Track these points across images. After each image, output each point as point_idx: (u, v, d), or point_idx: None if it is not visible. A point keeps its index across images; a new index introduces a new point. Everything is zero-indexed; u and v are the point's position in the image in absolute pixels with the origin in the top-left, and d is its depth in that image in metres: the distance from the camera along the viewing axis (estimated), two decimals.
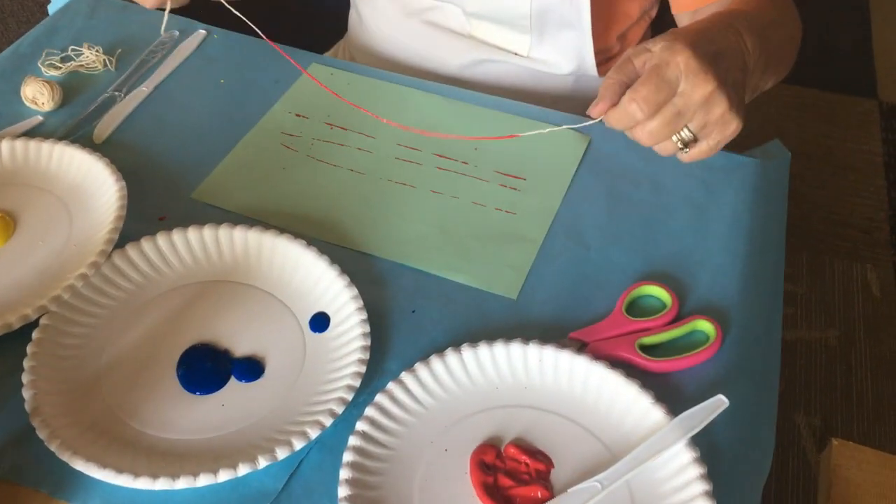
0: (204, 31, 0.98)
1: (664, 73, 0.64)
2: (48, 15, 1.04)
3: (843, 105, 2.18)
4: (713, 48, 0.67)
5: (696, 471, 0.60)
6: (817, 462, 1.50)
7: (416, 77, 0.95)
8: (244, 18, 0.84)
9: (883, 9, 2.47)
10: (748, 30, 0.72)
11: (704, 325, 0.70)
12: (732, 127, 0.67)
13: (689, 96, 0.65)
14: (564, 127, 0.76)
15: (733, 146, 0.89)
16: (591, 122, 0.69)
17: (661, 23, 1.06)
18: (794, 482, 1.48)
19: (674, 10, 0.93)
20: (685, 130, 0.67)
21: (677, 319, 0.71)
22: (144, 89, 0.90)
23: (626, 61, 0.68)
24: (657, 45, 0.66)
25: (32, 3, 2.42)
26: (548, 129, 0.74)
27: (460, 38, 0.99)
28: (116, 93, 0.89)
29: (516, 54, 0.98)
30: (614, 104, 0.66)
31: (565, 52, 0.97)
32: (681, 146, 0.68)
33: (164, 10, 0.84)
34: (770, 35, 0.77)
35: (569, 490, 0.60)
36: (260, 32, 0.79)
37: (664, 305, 0.73)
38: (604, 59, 1.00)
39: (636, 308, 0.73)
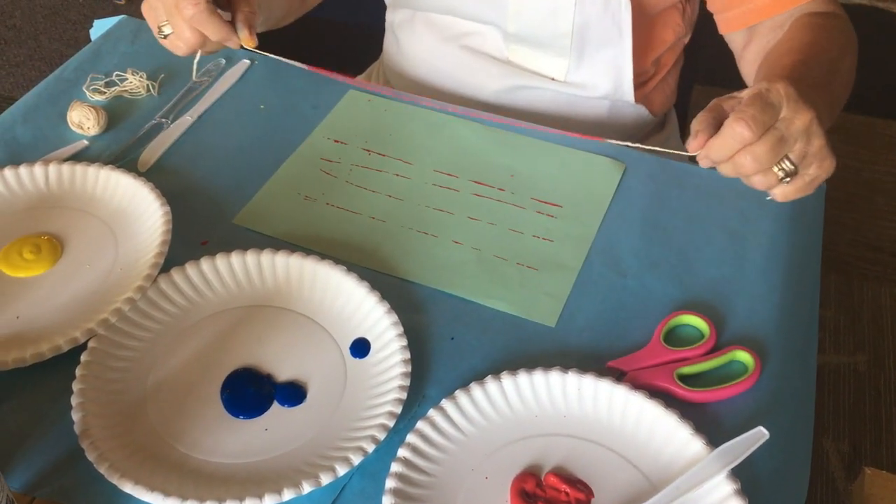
0: (248, 61, 0.99)
1: (767, 96, 0.64)
2: (90, 40, 1.07)
3: (871, 127, 2.17)
4: (804, 85, 0.67)
5: (737, 503, 0.60)
6: (847, 489, 1.49)
7: (451, 102, 0.96)
8: (284, 59, 0.86)
9: None
10: (814, 86, 0.71)
11: (743, 356, 0.71)
12: (828, 163, 0.67)
13: (791, 122, 0.64)
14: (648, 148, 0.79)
15: None
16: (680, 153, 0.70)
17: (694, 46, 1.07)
18: None
19: (723, 31, 0.94)
20: (786, 161, 0.66)
21: (715, 349, 0.72)
22: (189, 118, 0.92)
23: (714, 105, 0.68)
24: (745, 91, 0.67)
25: (64, 21, 2.47)
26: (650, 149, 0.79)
27: (497, 63, 1.00)
28: (163, 120, 0.91)
29: (553, 79, 0.99)
30: (712, 136, 0.65)
31: (604, 73, 0.97)
32: (782, 176, 0.66)
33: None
34: (834, 80, 0.77)
35: None
36: (300, 64, 0.82)
37: (702, 335, 0.73)
38: (640, 82, 1.01)
39: (674, 337, 0.73)
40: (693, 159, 0.69)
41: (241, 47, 0.81)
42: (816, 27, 0.84)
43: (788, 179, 0.67)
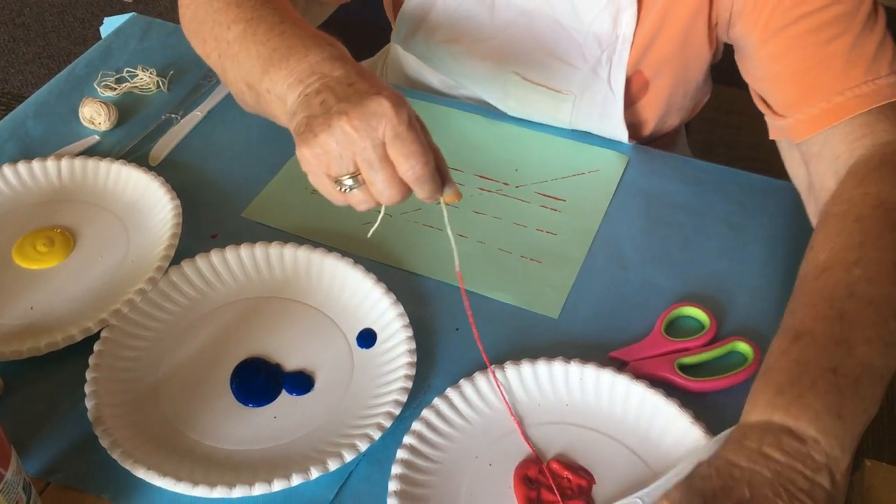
0: None
1: None
2: (100, 37, 1.08)
3: None
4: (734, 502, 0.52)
5: None
6: (850, 483, 1.49)
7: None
8: None
9: None
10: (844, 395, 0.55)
11: (743, 347, 0.72)
12: None
13: None
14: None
15: (771, 172, 0.91)
16: None
17: None
18: None
19: (773, 136, 0.81)
20: None
21: (715, 340, 0.73)
22: (199, 113, 0.93)
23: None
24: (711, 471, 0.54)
25: (73, 19, 2.49)
26: None
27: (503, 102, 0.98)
28: (173, 116, 0.93)
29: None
30: None
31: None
32: None
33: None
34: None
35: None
36: None
37: (703, 326, 0.74)
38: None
39: (675, 329, 0.75)
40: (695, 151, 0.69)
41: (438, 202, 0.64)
42: (854, 212, 0.66)
43: None
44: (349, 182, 0.60)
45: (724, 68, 1.04)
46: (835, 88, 0.71)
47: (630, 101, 0.91)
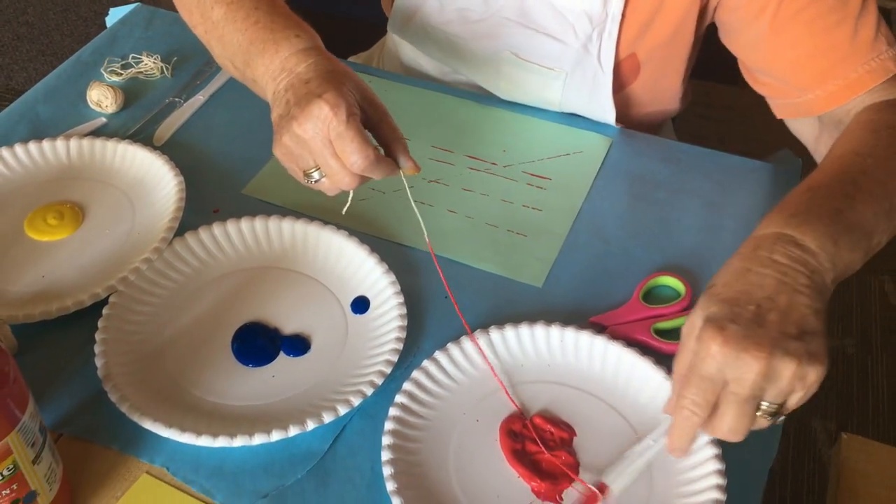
0: None
1: (702, 370, 0.57)
2: (105, 27, 1.12)
3: None
4: (755, 301, 0.58)
5: (711, 451, 0.65)
6: (829, 456, 1.54)
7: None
8: None
9: None
10: (822, 217, 0.64)
11: None
12: (812, 377, 0.56)
13: (742, 381, 0.56)
14: None
15: (748, 153, 0.95)
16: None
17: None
18: (810, 482, 1.52)
19: (778, 116, 0.89)
20: (765, 404, 0.57)
21: (690, 307, 0.77)
22: (201, 97, 0.98)
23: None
24: (692, 327, 0.59)
25: (76, 17, 2.53)
26: None
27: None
28: (177, 99, 0.97)
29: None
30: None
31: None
32: (771, 419, 0.58)
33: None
34: (869, 191, 0.68)
35: (628, 452, 0.65)
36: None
37: (678, 294, 0.78)
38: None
39: (652, 297, 0.79)
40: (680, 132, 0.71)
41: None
42: (870, 126, 0.77)
43: (782, 417, 0.59)
44: (315, 175, 0.69)
45: (714, 65, 1.07)
46: (847, 68, 0.80)
47: (621, 85, 0.95)
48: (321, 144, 0.66)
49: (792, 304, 0.59)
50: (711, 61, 0.98)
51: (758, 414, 0.57)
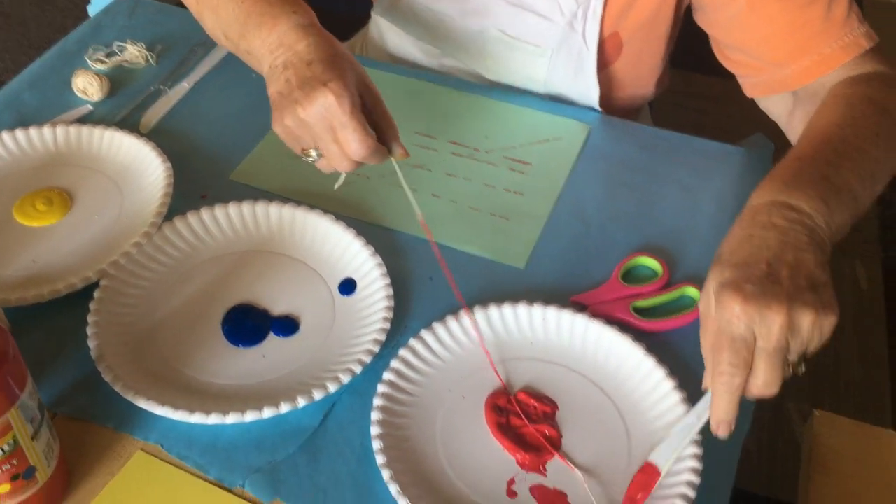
0: None
1: (731, 332, 0.59)
2: (85, 17, 1.13)
3: None
4: (764, 261, 0.61)
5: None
6: (802, 433, 1.58)
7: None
8: None
9: None
10: (825, 186, 0.67)
11: (692, 291, 0.79)
12: (827, 326, 0.59)
13: (769, 336, 0.58)
14: None
15: (722, 137, 0.98)
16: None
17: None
18: (784, 461, 1.56)
19: (749, 94, 0.91)
20: (790, 355, 0.60)
21: (668, 286, 0.80)
22: (186, 85, 0.99)
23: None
24: (709, 298, 0.62)
25: (53, 8, 2.52)
26: None
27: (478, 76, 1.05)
28: (162, 87, 0.98)
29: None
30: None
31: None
32: (795, 369, 0.61)
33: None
34: (851, 158, 0.72)
35: (672, 430, 0.66)
36: None
37: (656, 274, 0.81)
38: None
39: (631, 277, 0.81)
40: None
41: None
42: (846, 99, 0.79)
43: (803, 367, 0.62)
44: (314, 154, 0.73)
45: (691, 55, 1.09)
46: (821, 43, 0.83)
47: (604, 63, 0.98)
48: (323, 130, 0.69)
49: (799, 260, 0.61)
50: (690, 51, 1.00)
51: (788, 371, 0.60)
